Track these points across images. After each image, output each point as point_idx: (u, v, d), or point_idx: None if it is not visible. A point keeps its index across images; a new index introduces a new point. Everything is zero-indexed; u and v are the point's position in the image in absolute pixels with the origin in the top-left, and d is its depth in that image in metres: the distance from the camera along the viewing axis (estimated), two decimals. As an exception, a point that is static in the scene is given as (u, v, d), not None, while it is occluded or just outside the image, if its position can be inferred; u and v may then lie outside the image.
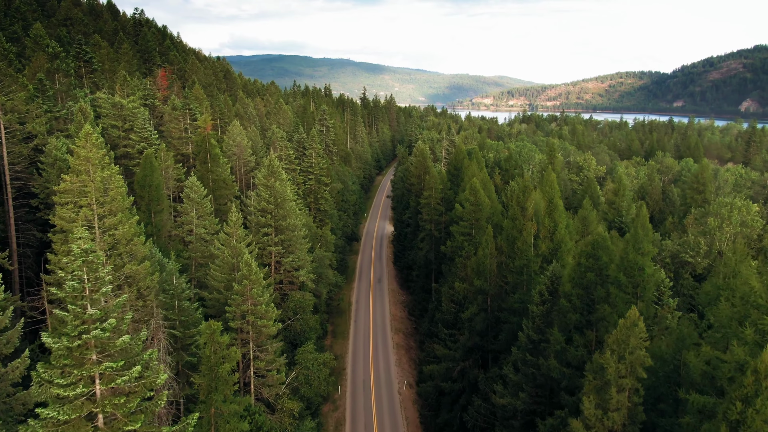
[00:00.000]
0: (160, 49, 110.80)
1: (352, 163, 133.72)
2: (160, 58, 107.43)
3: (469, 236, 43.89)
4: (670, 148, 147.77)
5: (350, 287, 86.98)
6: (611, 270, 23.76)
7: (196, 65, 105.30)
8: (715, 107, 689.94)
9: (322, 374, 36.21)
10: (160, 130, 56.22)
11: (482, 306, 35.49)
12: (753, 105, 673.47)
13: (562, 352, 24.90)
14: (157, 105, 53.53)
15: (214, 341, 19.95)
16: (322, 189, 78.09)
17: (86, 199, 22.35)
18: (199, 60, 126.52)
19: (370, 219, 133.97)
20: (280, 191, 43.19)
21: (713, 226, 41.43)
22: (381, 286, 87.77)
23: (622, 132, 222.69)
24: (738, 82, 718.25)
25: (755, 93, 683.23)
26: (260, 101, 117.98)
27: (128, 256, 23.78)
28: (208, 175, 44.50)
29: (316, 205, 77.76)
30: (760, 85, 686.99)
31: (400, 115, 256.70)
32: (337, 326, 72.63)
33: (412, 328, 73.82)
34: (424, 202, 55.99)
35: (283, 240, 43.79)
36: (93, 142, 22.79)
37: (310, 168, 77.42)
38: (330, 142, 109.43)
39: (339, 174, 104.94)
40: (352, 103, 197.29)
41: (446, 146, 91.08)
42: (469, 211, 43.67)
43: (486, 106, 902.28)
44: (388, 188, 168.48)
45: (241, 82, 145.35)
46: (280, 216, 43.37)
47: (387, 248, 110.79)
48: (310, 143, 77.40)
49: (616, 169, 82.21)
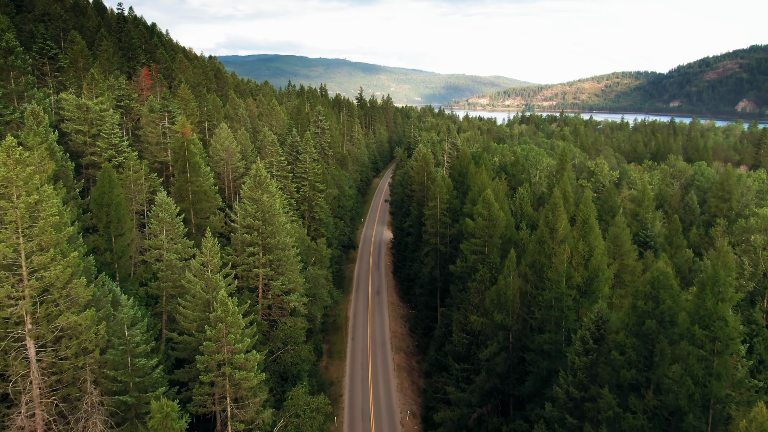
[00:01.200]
0: (146, 47, 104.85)
1: (348, 166, 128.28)
2: (146, 57, 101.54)
3: (482, 255, 38.62)
4: (676, 150, 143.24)
5: (347, 300, 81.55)
6: (681, 319, 18.64)
7: (184, 64, 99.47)
8: (712, 107, 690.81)
9: (316, 422, 30.90)
10: (137, 135, 50.61)
11: (503, 344, 30.24)
12: (749, 105, 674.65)
13: (616, 419, 19.70)
14: (133, 107, 47.94)
15: (167, 427, 14.72)
16: (317, 196, 72.63)
17: (7, 231, 16.96)
18: (188, 58, 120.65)
19: (367, 224, 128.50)
20: (268, 205, 37.72)
21: (758, 245, 36.52)
22: (380, 298, 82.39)
23: (624, 133, 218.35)
24: (734, 82, 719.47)
25: (751, 93, 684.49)
26: (252, 102, 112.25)
27: (66, 303, 18.39)
28: (186, 186, 39.01)
29: (310, 214, 72.31)
30: (756, 85, 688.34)
31: (397, 116, 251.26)
32: (333, 344, 67.15)
33: (413, 346, 68.43)
34: (429, 213, 50.58)
35: (271, 260, 38.36)
36: (17, 158, 17.42)
37: (304, 174, 71.92)
38: (325, 145, 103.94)
39: (335, 178, 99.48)
40: (349, 104, 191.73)
41: (448, 149, 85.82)
42: (482, 227, 38.38)
43: (482, 107, 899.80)
44: (385, 191, 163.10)
45: (234, 82, 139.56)
46: (268, 233, 37.94)
47: (385, 256, 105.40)
48: (304, 147, 71.89)
49: (628, 173, 77.00)
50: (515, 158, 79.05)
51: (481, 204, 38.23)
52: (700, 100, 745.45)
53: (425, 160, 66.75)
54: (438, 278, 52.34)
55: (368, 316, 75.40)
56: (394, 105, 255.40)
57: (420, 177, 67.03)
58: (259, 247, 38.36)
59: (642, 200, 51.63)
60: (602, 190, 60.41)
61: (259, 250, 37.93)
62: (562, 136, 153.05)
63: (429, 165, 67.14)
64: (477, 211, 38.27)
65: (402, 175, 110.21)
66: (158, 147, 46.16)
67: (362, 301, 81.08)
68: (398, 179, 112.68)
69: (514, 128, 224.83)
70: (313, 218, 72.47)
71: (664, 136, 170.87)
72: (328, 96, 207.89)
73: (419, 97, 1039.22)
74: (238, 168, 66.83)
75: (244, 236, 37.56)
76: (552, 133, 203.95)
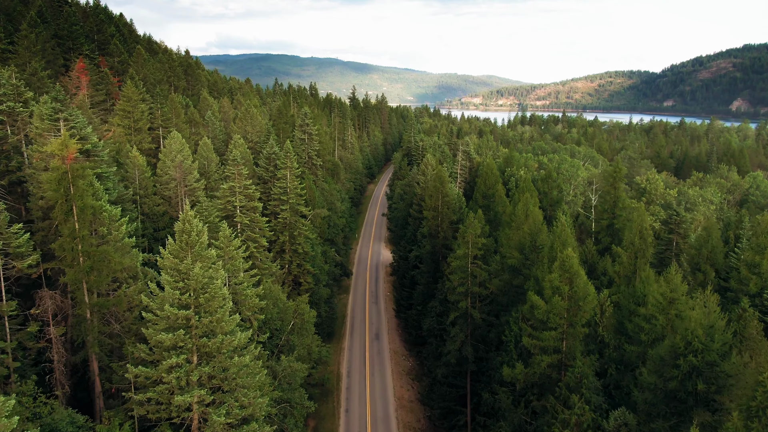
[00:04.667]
0: (98, 37, 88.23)
1: (340, 176, 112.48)
2: (97, 49, 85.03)
3: (557, 354, 23.53)
4: (705, 156, 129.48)
5: (339, 348, 65.95)
6: None
7: (143, 57, 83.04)
8: (706, 107, 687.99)
9: None
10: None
11: None
12: (744, 104, 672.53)
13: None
14: (20, 112, 32.03)
15: None
16: (300, 223, 56.89)
17: None
18: (151, 51, 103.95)
19: (362, 240, 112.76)
20: (202, 280, 22.24)
21: None
22: (380, 344, 66.86)
23: (635, 134, 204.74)
24: (728, 81, 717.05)
25: (746, 92, 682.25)
26: (228, 103, 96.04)
27: None
28: (73, 246, 23.47)
29: (292, 246, 56.58)
30: (750, 85, 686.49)
31: (392, 116, 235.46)
32: (320, 419, 51.56)
33: (424, 420, 52.99)
34: (457, 264, 34.97)
35: (211, 374, 22.86)
36: None
37: (283, 195, 56.16)
38: (313, 153, 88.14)
39: (325, 194, 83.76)
40: (341, 104, 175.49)
41: (461, 160, 70.44)
42: (559, 310, 23.25)
43: (475, 106, 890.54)
44: (381, 199, 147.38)
45: (211, 80, 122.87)
46: (204, 328, 22.51)
47: (384, 283, 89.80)
48: (284, 161, 56.09)
49: (687, 192, 62.08)
50: (546, 172, 63.96)
51: (559, 273, 23.27)
52: (694, 100, 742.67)
53: (439, 179, 51.35)
54: (470, 359, 36.59)
55: (366, 373, 59.88)
56: (389, 105, 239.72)
57: (433, 201, 51.58)
58: (189, 353, 22.72)
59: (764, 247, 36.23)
60: (676, 221, 45.34)
61: (189, 359, 22.47)
62: (576, 140, 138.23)
63: (444, 185, 51.80)
64: (550, 284, 23.31)
65: (403, 187, 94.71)
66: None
67: (358, 349, 65.54)
68: (398, 192, 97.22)
69: (517, 130, 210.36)
70: (296, 252, 56.77)
71: (684, 139, 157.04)
72: (319, 96, 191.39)
73: (412, 97, 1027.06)
74: (195, 190, 50.95)
75: (161, 337, 21.88)
76: (559, 135, 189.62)
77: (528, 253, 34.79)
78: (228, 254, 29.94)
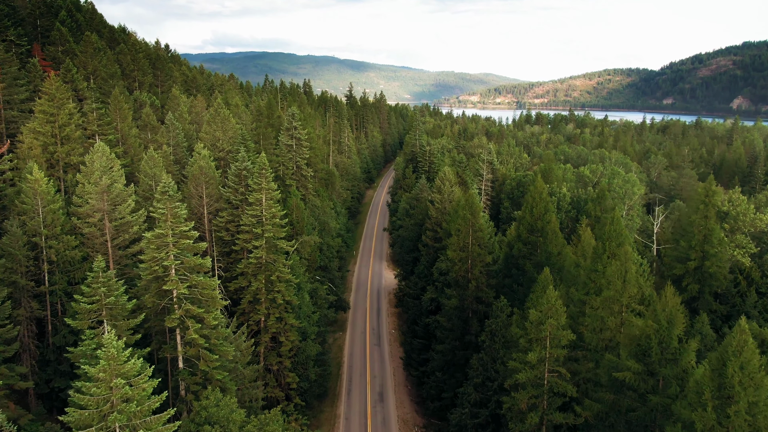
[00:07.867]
0: (41, 22, 73.16)
1: (335, 185, 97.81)
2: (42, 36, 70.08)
3: None
4: (743, 160, 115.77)
5: (333, 415, 51.35)
6: None
7: (93, 46, 68.04)
8: (706, 105, 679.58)
9: None
10: None
11: None
12: (745, 102, 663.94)
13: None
14: None
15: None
16: (281, 263, 42.16)
17: None
18: (113, 41, 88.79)
19: (361, 258, 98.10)
20: None
21: None
22: (384, 410, 52.16)
23: (653, 135, 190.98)
24: (728, 79, 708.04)
25: (746, 90, 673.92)
26: (202, 102, 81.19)
27: None
28: None
29: (269, 295, 42.00)
30: (750, 82, 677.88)
31: (392, 115, 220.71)
32: None
33: None
34: (526, 377, 20.38)
35: None
36: None
37: (257, 226, 41.48)
38: (302, 162, 73.42)
39: (316, 212, 69.16)
40: (337, 102, 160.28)
41: (486, 174, 55.94)
42: None
43: (473, 104, 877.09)
44: (382, 207, 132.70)
45: (189, 76, 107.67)
46: None
47: (388, 316, 75.25)
48: (257, 180, 41.36)
49: None
50: (599, 190, 49.65)
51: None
52: (694, 98, 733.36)
53: (470, 208, 36.91)
54: None
55: (368, 458, 45.41)
56: (388, 103, 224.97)
57: (462, 239, 37.11)
58: None
59: None
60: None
61: None
62: (600, 143, 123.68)
63: (476, 216, 37.39)
64: None
65: (410, 202, 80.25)
66: None
67: (357, 419, 50.89)
68: (404, 206, 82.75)
69: (525, 130, 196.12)
70: (274, 302, 42.12)
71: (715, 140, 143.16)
72: (313, 93, 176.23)
73: (409, 95, 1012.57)
74: (129, 226, 36.22)
75: None
76: (572, 136, 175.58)
77: (653, 363, 19.52)
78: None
